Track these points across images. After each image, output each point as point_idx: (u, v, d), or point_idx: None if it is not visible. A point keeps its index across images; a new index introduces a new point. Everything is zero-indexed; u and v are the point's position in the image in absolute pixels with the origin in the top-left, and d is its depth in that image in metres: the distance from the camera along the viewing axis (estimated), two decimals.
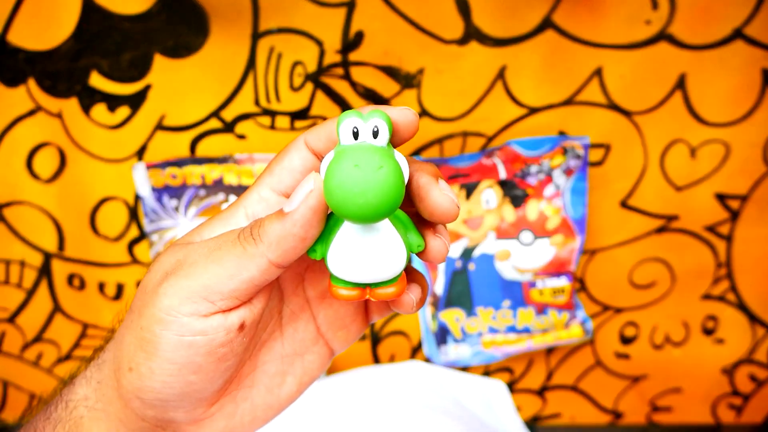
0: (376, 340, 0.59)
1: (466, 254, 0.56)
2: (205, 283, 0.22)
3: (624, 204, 0.55)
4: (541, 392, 0.62)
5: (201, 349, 0.22)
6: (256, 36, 0.49)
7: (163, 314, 0.22)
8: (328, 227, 0.23)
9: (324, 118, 0.52)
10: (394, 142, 0.23)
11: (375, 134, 0.21)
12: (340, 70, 0.50)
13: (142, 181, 0.54)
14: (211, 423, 0.25)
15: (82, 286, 0.58)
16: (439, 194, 0.22)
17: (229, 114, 0.52)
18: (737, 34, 0.49)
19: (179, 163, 0.53)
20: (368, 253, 0.22)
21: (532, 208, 0.54)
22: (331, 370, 0.60)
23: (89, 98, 0.51)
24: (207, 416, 0.25)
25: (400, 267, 0.23)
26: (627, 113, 0.52)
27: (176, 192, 0.54)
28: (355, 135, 0.21)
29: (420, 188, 0.22)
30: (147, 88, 0.51)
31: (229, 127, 0.52)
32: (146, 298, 0.23)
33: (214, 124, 0.52)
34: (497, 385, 0.60)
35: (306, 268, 0.27)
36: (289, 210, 0.21)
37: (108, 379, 0.24)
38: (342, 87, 0.51)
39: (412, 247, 0.23)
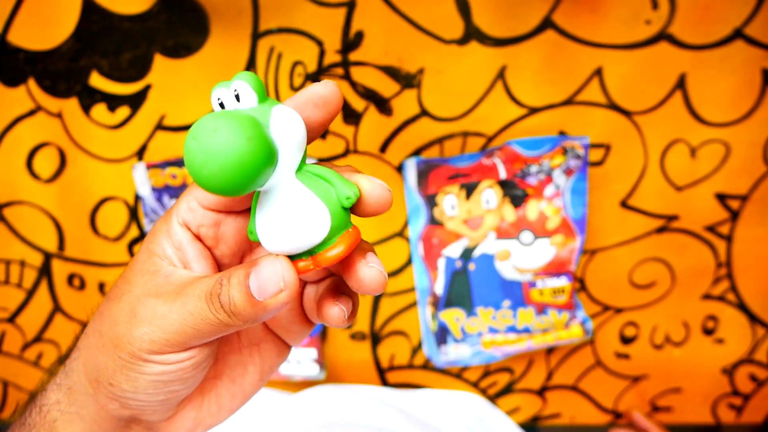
0: (376, 340, 0.59)
1: (466, 254, 0.56)
2: (183, 340, 0.23)
3: (624, 204, 0.55)
4: (541, 392, 0.62)
5: (188, 368, 0.24)
6: (256, 36, 0.49)
7: (145, 354, 0.23)
8: (254, 205, 0.22)
9: None
10: (323, 117, 0.22)
11: (238, 98, 0.20)
12: (340, 70, 0.51)
13: (142, 181, 0.54)
14: (181, 416, 0.26)
15: (82, 286, 0.58)
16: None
17: None
18: (737, 34, 0.49)
19: (179, 163, 0.53)
20: (282, 219, 0.21)
21: (532, 208, 0.54)
22: (331, 372, 0.60)
23: (89, 98, 0.51)
24: (178, 410, 0.26)
25: (325, 226, 0.21)
26: (627, 113, 0.52)
27: (176, 192, 0.54)
28: (222, 106, 0.20)
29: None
30: (147, 88, 0.51)
31: None
32: (120, 333, 0.23)
33: None
34: (473, 399, 0.60)
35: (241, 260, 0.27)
36: (259, 299, 0.21)
37: (79, 386, 0.25)
38: (342, 87, 0.51)
39: (342, 201, 0.21)
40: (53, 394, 0.25)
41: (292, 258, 0.22)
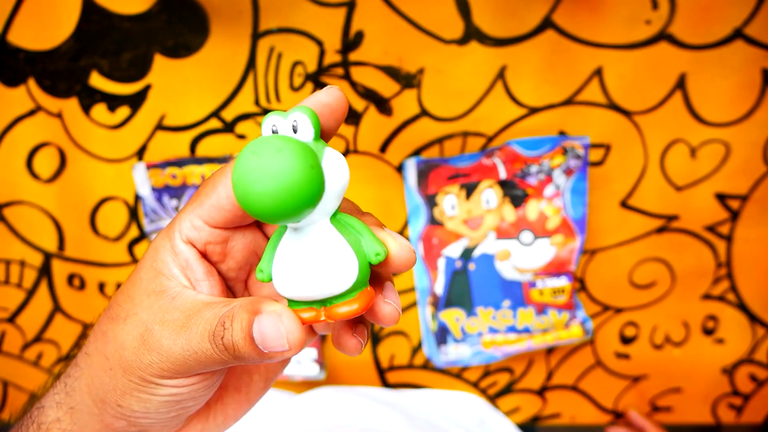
0: (376, 340, 0.59)
1: (466, 254, 0.56)
2: (190, 371, 0.23)
3: (624, 204, 0.55)
4: (541, 392, 0.62)
5: (200, 388, 0.24)
6: (256, 36, 0.49)
7: (156, 379, 0.23)
8: (272, 244, 0.21)
9: None
10: (329, 124, 0.21)
11: (295, 130, 0.19)
12: (340, 70, 0.51)
13: (142, 181, 0.54)
14: (188, 430, 0.26)
15: (82, 286, 0.58)
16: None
17: (229, 114, 0.52)
18: (737, 34, 0.49)
19: (179, 163, 0.53)
20: (308, 263, 0.20)
21: (532, 208, 0.54)
22: (331, 372, 0.60)
23: (89, 98, 0.51)
24: (185, 424, 0.26)
25: (350, 279, 0.20)
26: (627, 113, 0.52)
27: (176, 192, 0.54)
28: (275, 134, 0.20)
29: None
30: (147, 88, 0.51)
31: (229, 127, 0.52)
32: (128, 358, 0.23)
33: (214, 124, 0.52)
34: (474, 400, 0.60)
35: (247, 278, 0.27)
36: (264, 350, 0.21)
37: (83, 406, 0.24)
38: (342, 87, 0.51)
39: (370, 257, 0.20)
40: (52, 412, 0.25)
41: (300, 304, 0.21)
